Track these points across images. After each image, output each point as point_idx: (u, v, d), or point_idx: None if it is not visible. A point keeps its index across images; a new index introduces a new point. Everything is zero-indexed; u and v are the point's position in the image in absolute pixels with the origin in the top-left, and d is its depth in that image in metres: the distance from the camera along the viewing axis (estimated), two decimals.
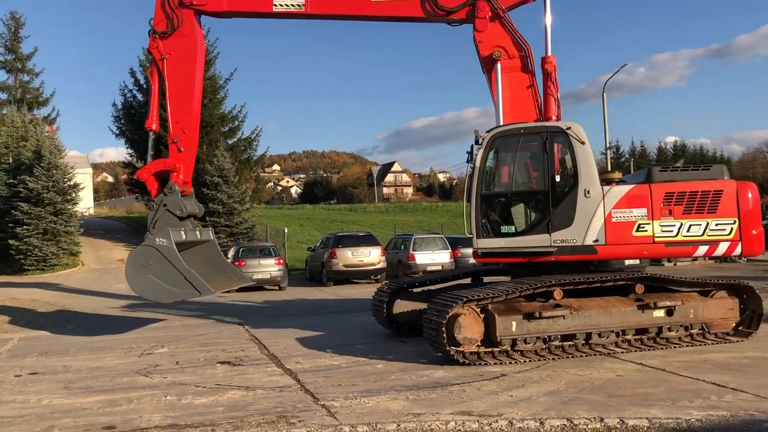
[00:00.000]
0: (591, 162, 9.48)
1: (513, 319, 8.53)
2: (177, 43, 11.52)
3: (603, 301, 9.11)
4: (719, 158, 70.01)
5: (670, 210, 9.17)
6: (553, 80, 10.49)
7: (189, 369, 9.19)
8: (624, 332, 9.18)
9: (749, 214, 9.14)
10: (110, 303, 19.32)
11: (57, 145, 30.99)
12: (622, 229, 9.27)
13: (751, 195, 9.20)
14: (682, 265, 25.70)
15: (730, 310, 9.65)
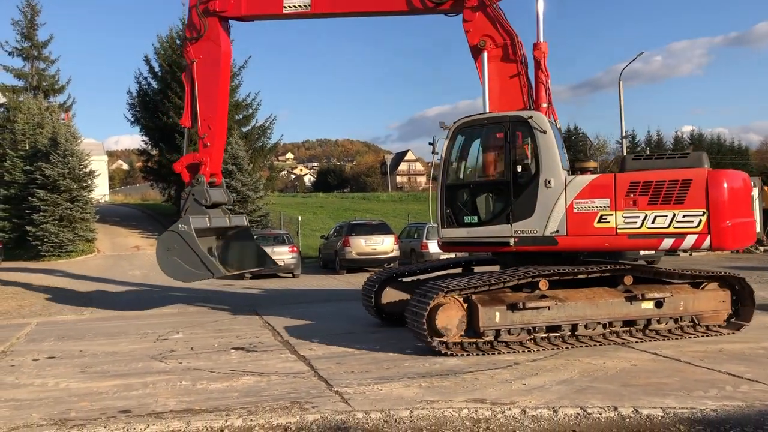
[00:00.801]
0: (553, 151, 9.18)
1: (496, 310, 8.40)
2: (204, 48, 12.59)
3: (590, 292, 8.94)
4: (737, 148, 69.12)
5: (634, 200, 8.69)
6: (543, 68, 10.28)
7: (203, 355, 9.26)
8: (611, 324, 9.02)
9: (721, 205, 8.39)
10: (126, 289, 19.50)
11: (73, 132, 31.24)
12: (584, 220, 8.94)
13: (727, 184, 8.48)
14: (696, 255, 25.48)
15: (721, 303, 9.47)
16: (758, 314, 11.19)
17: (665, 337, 9.15)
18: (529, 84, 10.49)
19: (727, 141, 69.78)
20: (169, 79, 35.90)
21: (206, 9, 12.40)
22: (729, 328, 9.54)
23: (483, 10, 10.63)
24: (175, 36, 38.01)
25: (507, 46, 10.52)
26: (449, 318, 8.31)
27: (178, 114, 34.09)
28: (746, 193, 9.04)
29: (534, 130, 9.26)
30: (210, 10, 12.40)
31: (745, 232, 8.91)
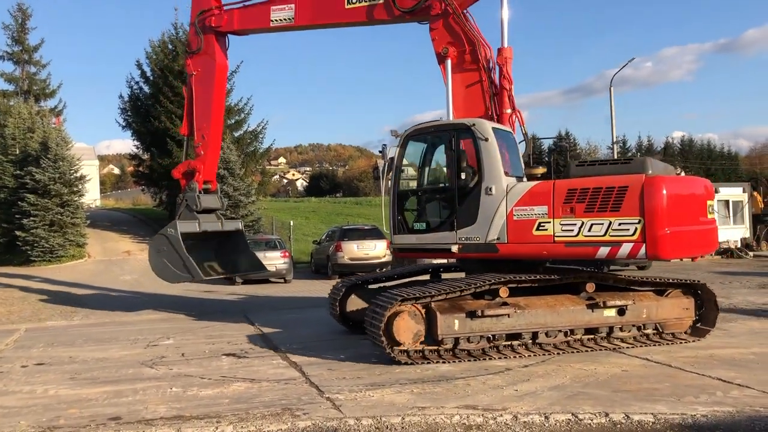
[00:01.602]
0: (494, 159, 9.15)
1: (455, 318, 8.29)
2: (201, 62, 13.39)
3: (552, 299, 8.83)
4: (727, 154, 69.52)
5: (571, 208, 8.46)
6: (506, 74, 10.29)
7: (194, 361, 9.21)
8: (573, 332, 8.92)
9: (657, 213, 7.98)
10: (116, 294, 19.40)
11: (63, 137, 31.07)
12: (523, 228, 8.84)
13: (667, 191, 8.09)
14: (687, 260, 25.58)
15: (685, 310, 9.40)
16: (747, 319, 11.29)
17: (630, 345, 9.06)
18: (494, 90, 10.46)
19: (717, 147, 70.08)
20: (160, 83, 35.81)
21: (204, 25, 13.16)
22: (693, 336, 9.47)
23: (446, 18, 10.66)
24: (167, 41, 37.96)
25: (470, 53, 10.51)
26: (407, 326, 8.23)
27: (169, 119, 34.09)
28: (694, 200, 8.75)
29: (476, 137, 9.28)
30: (207, 26, 13.17)
31: (692, 241, 8.58)
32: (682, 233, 8.30)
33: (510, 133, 10.01)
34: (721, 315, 11.70)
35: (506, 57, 10.31)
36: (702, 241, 8.86)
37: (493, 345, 8.60)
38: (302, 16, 12.15)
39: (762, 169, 70.67)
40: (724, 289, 15.99)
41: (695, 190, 8.88)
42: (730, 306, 12.97)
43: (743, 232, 28.08)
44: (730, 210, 28.02)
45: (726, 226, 27.62)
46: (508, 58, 10.32)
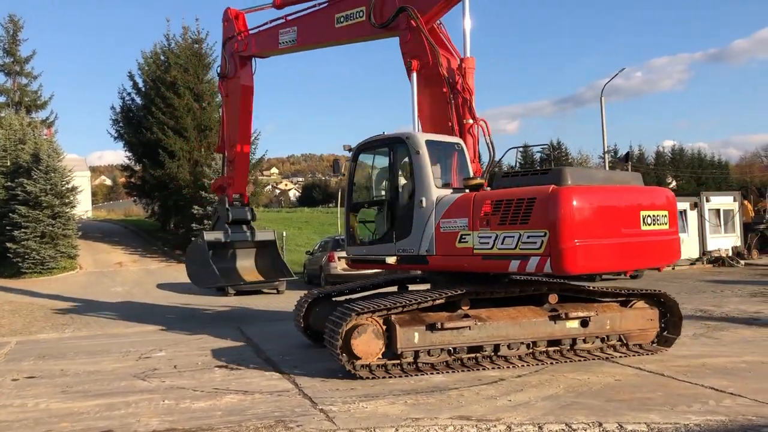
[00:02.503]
0: (425, 171, 9.19)
1: (415, 330, 8.14)
2: (230, 85, 14.45)
3: (514, 311, 8.70)
4: (717, 162, 69.97)
5: (488, 220, 8.34)
6: (466, 84, 10.26)
7: (187, 373, 9.17)
8: (535, 344, 8.79)
9: (563, 225, 7.60)
10: (108, 306, 19.29)
11: (55, 148, 31.01)
12: (448, 240, 8.80)
13: (579, 202, 7.72)
14: (679, 269, 25.73)
15: (649, 321, 9.30)
16: (739, 328, 11.34)
17: (595, 356, 8.96)
18: (456, 101, 10.44)
19: (708, 156, 70.55)
20: (152, 95, 35.84)
21: (230, 50, 14.17)
22: (660, 345, 9.41)
23: (412, 32, 10.75)
24: (159, 52, 38.02)
25: (432, 65, 10.51)
26: (365, 340, 8.11)
27: (161, 130, 34.08)
28: (618, 211, 8.15)
29: (410, 151, 9.37)
30: (232, 51, 14.21)
31: (614, 254, 8.08)
32: (597, 246, 7.83)
33: (455, 144, 9.98)
34: (714, 324, 11.81)
35: (467, 67, 10.29)
36: (634, 253, 8.30)
37: (455, 358, 8.46)
38: (302, 37, 12.73)
39: (752, 177, 71.16)
40: (716, 297, 16.06)
41: (621, 201, 8.24)
42: (722, 315, 13.02)
43: (734, 240, 28.23)
44: (721, 219, 28.18)
45: (717, 235, 27.79)
46: (468, 69, 10.30)
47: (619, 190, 8.51)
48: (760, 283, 19.14)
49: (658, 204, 8.66)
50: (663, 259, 9.08)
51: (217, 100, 36.54)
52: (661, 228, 8.58)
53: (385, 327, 8.25)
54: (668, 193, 9.16)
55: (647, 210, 8.42)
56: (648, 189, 9.10)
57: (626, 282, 19.93)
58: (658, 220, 8.55)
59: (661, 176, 72.33)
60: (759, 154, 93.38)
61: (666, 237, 8.68)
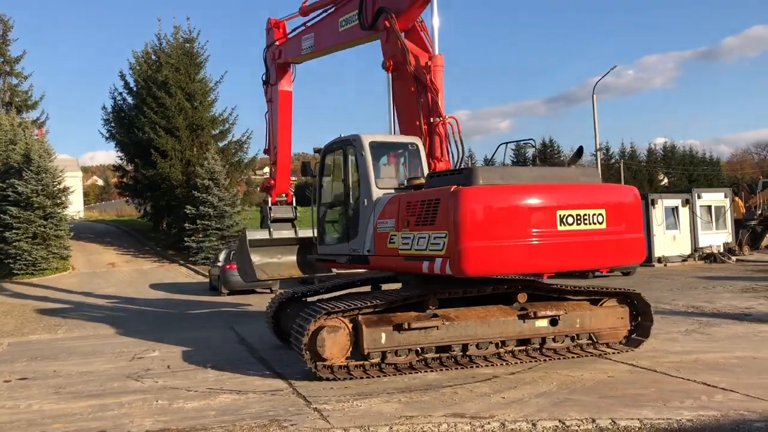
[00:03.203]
0: (367, 172, 9.34)
1: (382, 331, 8.04)
2: (271, 90, 14.77)
3: (483, 310, 8.61)
4: (708, 159, 70.33)
5: (408, 221, 8.33)
6: (432, 82, 10.11)
7: (180, 373, 9.15)
8: (504, 343, 8.72)
9: (461, 226, 7.44)
10: (101, 307, 19.23)
11: (46, 149, 30.87)
12: (383, 240, 8.86)
13: (479, 203, 7.58)
14: (671, 265, 25.85)
15: (620, 319, 9.23)
16: (731, 324, 11.40)
17: (562, 356, 8.87)
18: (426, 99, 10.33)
19: (699, 153, 70.89)
20: (144, 94, 35.71)
21: (269, 58, 14.53)
22: (628, 346, 9.30)
23: (389, 32, 10.77)
24: (150, 51, 37.87)
25: (402, 63, 10.47)
26: (332, 341, 8.01)
27: (153, 129, 33.95)
28: (525, 212, 7.71)
29: (357, 151, 9.54)
30: (271, 59, 14.57)
31: (522, 255, 7.71)
32: (497, 248, 7.57)
33: (409, 144, 10.02)
34: (706, 320, 11.88)
35: (434, 65, 10.21)
36: (549, 254, 7.84)
37: (422, 358, 8.39)
38: (318, 43, 12.96)
39: (743, 174, 71.56)
40: (708, 293, 16.15)
41: (530, 201, 7.80)
42: (714, 311, 13.09)
43: (726, 237, 28.37)
44: (712, 215, 28.31)
45: (709, 232, 27.92)
46: (436, 66, 10.22)
47: (533, 188, 7.97)
48: (752, 279, 19.25)
49: (588, 203, 8.05)
50: (600, 261, 8.44)
51: (209, 99, 36.58)
52: (592, 228, 8.00)
53: (353, 328, 8.16)
54: (618, 190, 8.75)
55: (566, 209, 7.87)
56: (584, 187, 8.41)
57: (602, 280, 20.04)
58: (586, 219, 7.97)
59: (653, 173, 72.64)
60: (750, 151, 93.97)
61: (600, 237, 8.09)
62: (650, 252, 25.96)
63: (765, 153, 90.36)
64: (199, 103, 35.68)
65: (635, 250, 8.53)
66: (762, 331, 10.54)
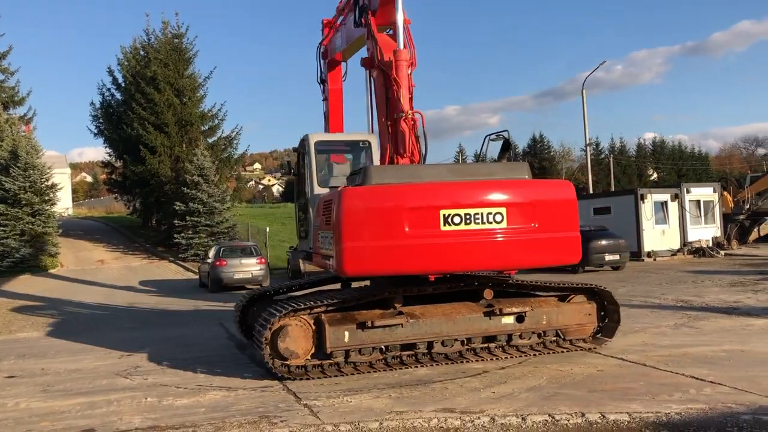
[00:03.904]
0: (311, 171, 9.63)
1: (346, 329, 7.92)
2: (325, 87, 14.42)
3: (449, 308, 8.52)
4: (697, 154, 70.73)
5: (321, 221, 8.64)
6: (395, 77, 9.80)
7: (169, 370, 9.11)
8: (470, 340, 8.60)
9: (338, 227, 7.68)
10: (89, 304, 19.12)
11: (34, 145, 30.67)
12: (316, 239, 9.16)
13: (355, 204, 7.70)
14: (661, 259, 26.00)
15: (587, 316, 9.10)
16: (719, 317, 11.47)
17: (531, 352, 8.81)
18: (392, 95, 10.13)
19: (688, 147, 71.30)
20: (132, 90, 35.51)
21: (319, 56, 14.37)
22: (595, 343, 9.21)
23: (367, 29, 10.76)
24: (138, 47, 37.63)
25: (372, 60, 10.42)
26: (293, 339, 7.89)
27: (142, 125, 33.78)
28: (403, 212, 7.70)
29: (305, 150, 9.84)
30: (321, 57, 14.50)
31: (398, 256, 7.71)
32: (372, 248, 7.64)
33: (360, 142, 10.22)
34: (694, 314, 11.94)
35: (397, 60, 9.92)
36: (431, 255, 7.75)
37: (385, 356, 8.29)
38: (343, 41, 12.91)
39: (731, 169, 72.03)
40: (697, 287, 16.25)
41: (411, 201, 7.77)
42: (703, 304, 13.17)
43: (714, 231, 28.56)
44: (701, 210, 28.48)
45: (698, 226, 28.09)
46: (399, 61, 9.92)
47: (412, 188, 7.91)
48: (740, 273, 19.38)
49: (482, 201, 7.86)
50: (499, 262, 8.13)
51: (198, 94, 36.45)
52: (486, 227, 7.83)
53: (315, 326, 8.05)
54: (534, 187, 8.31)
55: (452, 209, 7.75)
56: (482, 184, 8.09)
57: (592, 274, 20.13)
58: (478, 218, 7.79)
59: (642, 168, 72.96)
60: (738, 146, 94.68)
61: (498, 237, 7.91)
62: (640, 246, 26.13)
63: (753, 148, 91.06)
64: (188, 99, 35.54)
65: (557, 250, 8.18)
66: (750, 325, 10.61)
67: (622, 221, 26.33)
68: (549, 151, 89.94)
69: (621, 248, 22.67)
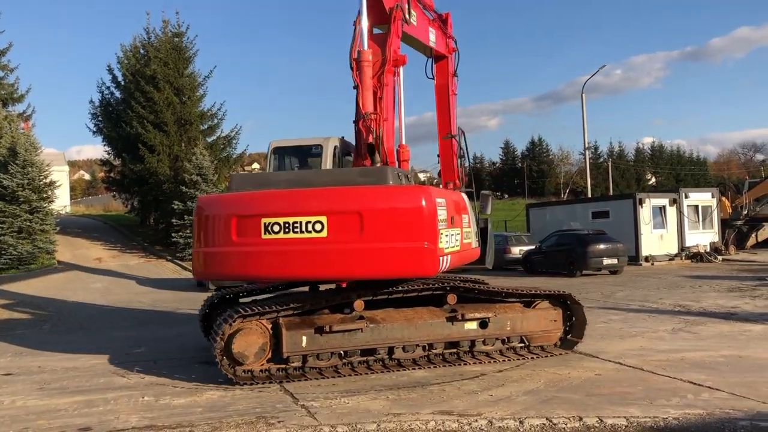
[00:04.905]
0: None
1: (303, 334, 7.82)
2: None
3: (411, 312, 8.44)
4: (695, 159, 70.82)
5: None
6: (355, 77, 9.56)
7: (166, 369, 9.09)
8: (432, 346, 8.51)
9: (194, 232, 8.44)
10: (87, 302, 19.09)
11: (33, 142, 30.55)
12: None
13: (202, 211, 8.27)
14: (659, 264, 26.02)
15: (552, 322, 9.07)
16: (716, 323, 11.48)
17: (494, 359, 8.69)
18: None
19: (686, 153, 71.41)
20: (132, 88, 35.44)
21: None
22: (561, 349, 9.12)
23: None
24: (138, 45, 37.59)
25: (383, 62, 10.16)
26: (248, 344, 7.77)
27: (141, 124, 33.74)
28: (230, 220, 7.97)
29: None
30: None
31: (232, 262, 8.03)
32: (210, 254, 8.15)
33: (313, 147, 9.93)
34: (692, 319, 11.94)
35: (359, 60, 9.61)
36: (255, 262, 7.90)
37: (346, 361, 8.17)
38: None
39: (730, 174, 72.15)
40: (694, 293, 16.26)
41: (237, 209, 8.00)
42: (701, 309, 13.18)
43: (712, 236, 28.58)
44: (699, 215, 28.51)
45: (696, 231, 28.12)
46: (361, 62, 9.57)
47: (240, 197, 8.12)
48: (738, 279, 19.40)
49: (302, 211, 7.73)
50: (320, 272, 7.86)
51: (197, 94, 36.38)
52: (304, 236, 7.68)
53: (273, 330, 7.93)
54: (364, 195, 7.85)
55: (272, 218, 7.77)
56: (309, 192, 7.92)
57: (588, 278, 20.13)
58: (297, 227, 7.69)
59: (640, 173, 73.04)
60: (736, 151, 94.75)
61: (317, 247, 7.68)
62: (638, 251, 26.16)
63: (751, 153, 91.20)
64: (188, 98, 35.46)
65: (394, 262, 7.62)
66: (747, 331, 10.62)
67: (620, 225, 26.37)
68: (548, 154, 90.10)
69: (619, 252, 22.70)
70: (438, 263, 7.68)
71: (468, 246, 9.26)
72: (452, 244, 8.22)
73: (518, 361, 8.63)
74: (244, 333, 7.79)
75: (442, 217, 7.85)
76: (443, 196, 8.24)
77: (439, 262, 7.71)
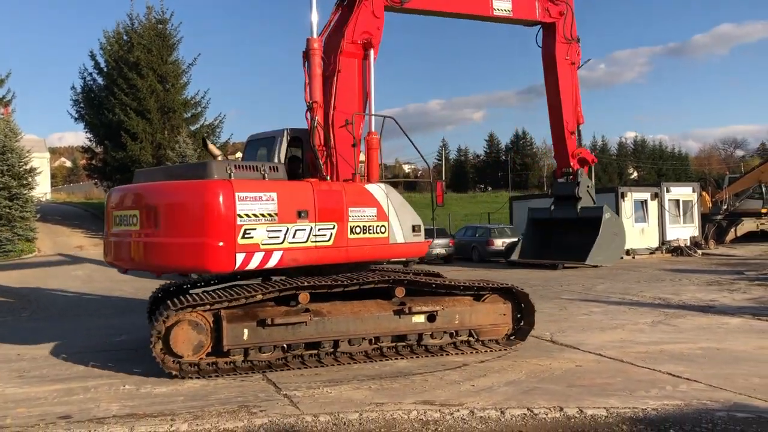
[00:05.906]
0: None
1: (245, 327, 7.64)
2: None
3: (358, 305, 8.30)
4: (677, 154, 71.46)
5: None
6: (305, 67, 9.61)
7: (148, 357, 9.00)
8: (379, 339, 8.41)
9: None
10: (68, 290, 18.91)
11: (12, 128, 30.11)
12: None
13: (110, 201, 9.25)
14: (639, 257, 26.26)
15: (501, 316, 8.99)
16: (695, 316, 11.62)
17: (445, 352, 8.63)
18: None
19: (668, 147, 72.01)
20: (115, 75, 35.03)
21: None
22: (508, 345, 9.01)
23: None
24: (122, 32, 37.13)
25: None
26: (186, 337, 7.51)
27: (123, 111, 33.38)
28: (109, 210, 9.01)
29: None
30: None
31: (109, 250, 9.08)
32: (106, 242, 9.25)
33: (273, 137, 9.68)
34: (672, 311, 12.08)
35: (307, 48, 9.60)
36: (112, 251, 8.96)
37: (289, 355, 8.02)
38: None
39: (710, 169, 72.89)
40: (674, 286, 16.43)
41: (111, 201, 9.09)
42: (680, 303, 13.33)
43: (693, 230, 28.87)
44: (680, 209, 28.77)
45: (676, 225, 28.39)
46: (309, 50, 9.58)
47: (118, 190, 9.24)
48: (716, 273, 19.63)
49: (126, 204, 8.68)
50: (136, 263, 8.54)
51: (181, 81, 36.05)
52: (126, 229, 8.48)
53: (214, 322, 7.69)
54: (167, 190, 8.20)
55: (116, 210, 8.80)
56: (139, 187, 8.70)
57: (572, 271, 20.27)
58: (124, 220, 8.53)
59: (623, 167, 73.59)
60: (717, 147, 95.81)
61: (132, 239, 8.35)
62: None
63: (732, 149, 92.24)
64: (171, 86, 35.13)
65: (181, 256, 7.89)
66: (725, 323, 10.77)
67: None
68: (532, 147, 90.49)
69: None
70: (234, 260, 7.69)
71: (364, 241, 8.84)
72: (287, 240, 8.06)
73: (500, 352, 8.69)
74: (180, 326, 7.52)
75: (256, 212, 7.81)
76: (273, 189, 8.03)
77: (236, 259, 7.70)
